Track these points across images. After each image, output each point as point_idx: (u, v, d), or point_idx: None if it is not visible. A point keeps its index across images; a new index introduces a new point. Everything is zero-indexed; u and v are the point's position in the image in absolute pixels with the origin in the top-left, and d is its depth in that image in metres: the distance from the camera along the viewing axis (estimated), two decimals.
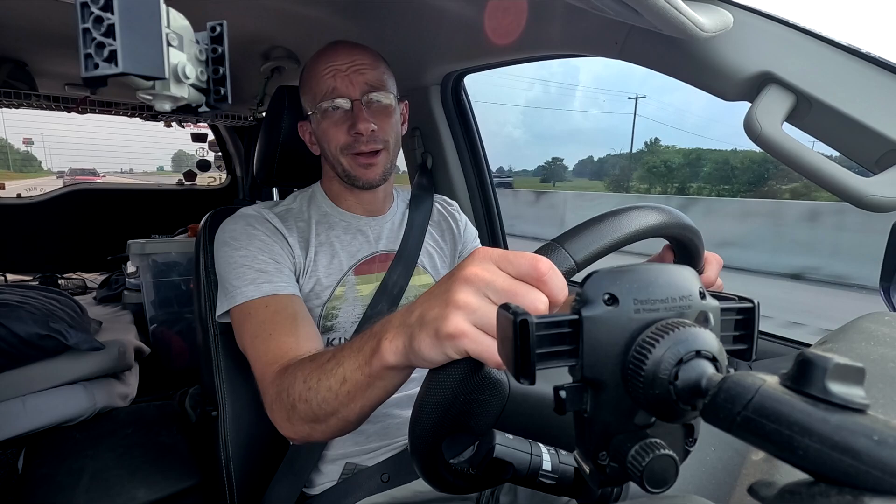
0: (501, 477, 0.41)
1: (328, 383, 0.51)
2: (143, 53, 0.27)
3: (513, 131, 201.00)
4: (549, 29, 0.87)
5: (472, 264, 0.37)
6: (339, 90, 0.80)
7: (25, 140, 61.64)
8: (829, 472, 0.18)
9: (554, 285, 0.35)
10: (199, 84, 0.33)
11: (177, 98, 0.31)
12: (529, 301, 0.34)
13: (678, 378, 0.26)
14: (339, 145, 0.82)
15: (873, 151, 0.56)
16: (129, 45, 0.26)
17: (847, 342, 0.43)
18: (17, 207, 2.53)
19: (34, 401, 1.26)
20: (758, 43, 0.60)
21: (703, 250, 0.51)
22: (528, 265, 0.35)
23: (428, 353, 0.38)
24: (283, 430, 0.60)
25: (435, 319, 0.37)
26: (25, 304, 1.32)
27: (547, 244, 0.39)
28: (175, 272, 1.91)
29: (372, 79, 0.81)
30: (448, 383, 0.38)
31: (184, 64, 0.30)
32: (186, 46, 0.32)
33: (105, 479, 1.14)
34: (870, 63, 0.56)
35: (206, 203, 2.43)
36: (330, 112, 0.81)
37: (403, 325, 0.42)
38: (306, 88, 0.85)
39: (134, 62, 0.27)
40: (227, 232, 0.79)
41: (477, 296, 0.36)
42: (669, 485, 0.28)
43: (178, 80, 0.30)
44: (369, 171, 0.83)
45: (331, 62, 0.81)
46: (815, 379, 0.19)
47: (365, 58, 0.82)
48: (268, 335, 0.68)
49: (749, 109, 0.59)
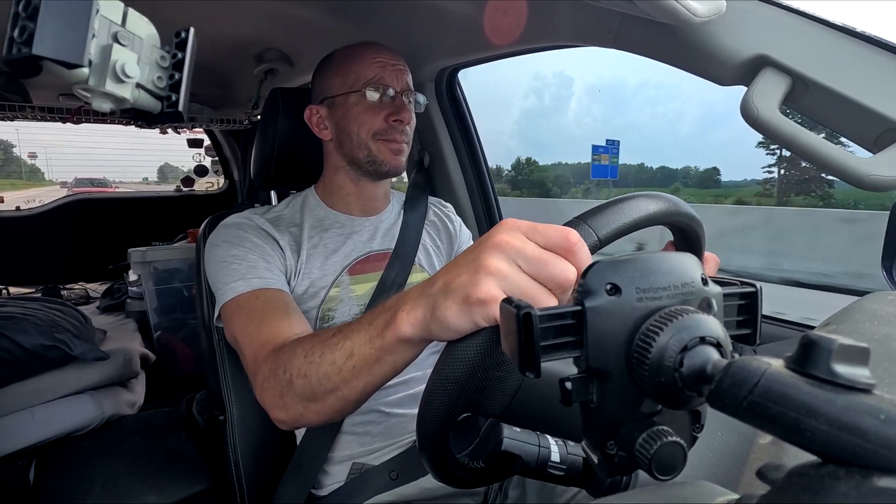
0: (510, 470, 0.41)
1: (332, 357, 0.49)
2: (62, 39, 0.26)
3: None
4: (542, 20, 0.86)
5: (501, 232, 0.37)
6: (385, 80, 0.83)
7: (30, 154, 67.81)
8: (837, 452, 0.18)
9: (583, 257, 0.35)
10: (156, 90, 0.32)
11: (116, 98, 0.30)
12: (559, 270, 0.34)
13: (683, 365, 0.26)
14: (372, 129, 0.83)
15: (871, 131, 0.56)
16: (47, 29, 0.26)
17: (851, 323, 0.43)
18: (16, 220, 2.53)
19: (42, 412, 1.27)
20: (752, 26, 0.59)
21: (705, 244, 0.52)
22: (560, 236, 0.35)
23: (454, 321, 0.37)
24: (274, 410, 0.56)
25: (464, 285, 0.36)
26: (30, 316, 1.32)
27: (572, 220, 0.40)
28: (177, 278, 1.92)
29: (409, 82, 0.87)
30: (468, 356, 0.37)
31: (123, 62, 0.29)
32: (145, 50, 0.31)
33: (116, 486, 1.15)
34: (865, 42, 0.56)
35: (205, 208, 2.42)
36: (373, 96, 0.83)
37: (423, 294, 0.41)
38: (339, 73, 0.85)
39: (50, 46, 0.26)
40: (217, 237, 0.79)
41: (507, 262, 0.35)
42: (678, 471, 0.28)
43: (116, 79, 0.29)
44: (397, 157, 0.86)
45: (378, 55, 0.85)
46: (819, 361, 0.19)
47: (405, 64, 0.88)
48: (259, 321, 0.67)
49: (745, 93, 0.59)
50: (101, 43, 0.29)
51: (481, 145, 1.36)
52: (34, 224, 2.54)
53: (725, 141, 76.20)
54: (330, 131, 0.88)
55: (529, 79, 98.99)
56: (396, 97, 0.84)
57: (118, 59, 0.29)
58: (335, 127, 0.87)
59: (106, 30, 0.29)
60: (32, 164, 69.38)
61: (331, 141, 0.88)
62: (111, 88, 0.30)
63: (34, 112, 1.70)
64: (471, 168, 1.34)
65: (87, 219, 2.64)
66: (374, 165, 0.85)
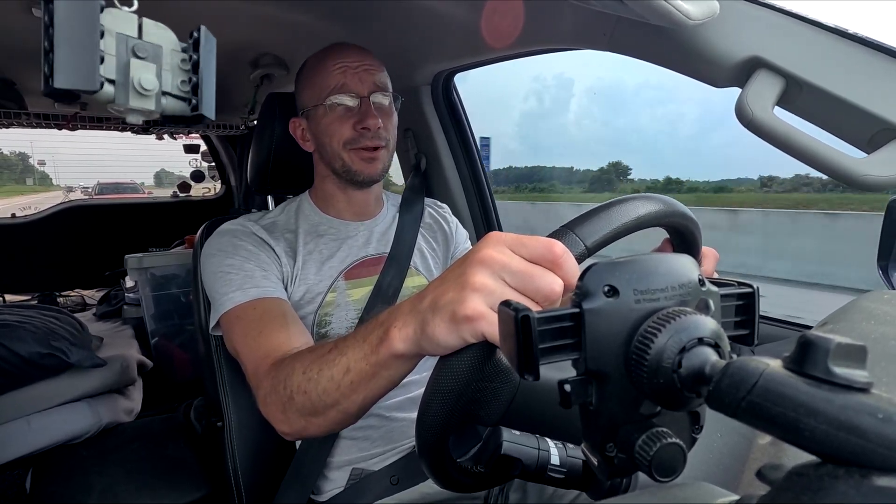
0: (510, 473, 0.41)
1: (330, 373, 0.50)
2: (76, 69, 0.28)
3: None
4: (537, 24, 0.87)
5: (486, 247, 0.37)
6: (349, 86, 0.81)
7: (39, 162, 73.26)
8: (836, 452, 0.18)
9: (569, 268, 0.35)
10: (182, 94, 0.32)
11: (142, 111, 0.31)
12: (546, 283, 0.34)
13: (682, 366, 0.26)
14: (342, 140, 0.82)
15: (865, 131, 0.56)
16: (62, 61, 0.27)
17: (848, 322, 0.43)
18: (11, 227, 2.52)
19: (39, 420, 1.26)
20: (745, 28, 0.60)
21: (701, 243, 0.52)
22: (544, 248, 0.35)
23: (443, 338, 0.37)
24: (278, 423, 0.58)
25: (451, 303, 0.36)
26: (25, 323, 1.32)
27: (558, 229, 0.39)
28: (174, 284, 1.91)
29: (378, 80, 0.84)
30: (460, 370, 0.37)
31: (140, 77, 0.30)
32: (166, 57, 0.31)
33: (114, 494, 1.14)
34: (858, 44, 0.56)
35: (202, 214, 2.42)
36: (337, 106, 0.81)
37: (414, 311, 0.41)
38: (308, 84, 0.85)
39: (67, 78, 0.27)
40: (212, 245, 0.79)
41: (493, 278, 0.36)
42: (678, 473, 0.28)
43: (137, 94, 0.30)
44: (371, 165, 0.84)
45: (341, 59, 0.82)
46: (817, 360, 0.19)
47: (373, 60, 0.84)
48: (258, 333, 0.68)
49: (740, 95, 0.59)
50: (122, 61, 0.30)
51: (478, 148, 1.37)
52: (30, 231, 2.53)
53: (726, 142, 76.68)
54: (312, 143, 0.88)
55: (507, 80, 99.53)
56: (363, 102, 0.82)
57: (135, 75, 0.30)
58: (314, 139, 0.87)
59: (124, 46, 0.30)
60: (42, 171, 74.76)
61: (315, 152, 0.89)
62: (135, 104, 0.30)
63: (30, 119, 1.70)
64: (467, 171, 1.35)
65: (84, 225, 2.63)
66: (349, 175, 0.84)
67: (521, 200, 17.39)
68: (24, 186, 60.08)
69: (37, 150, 68.78)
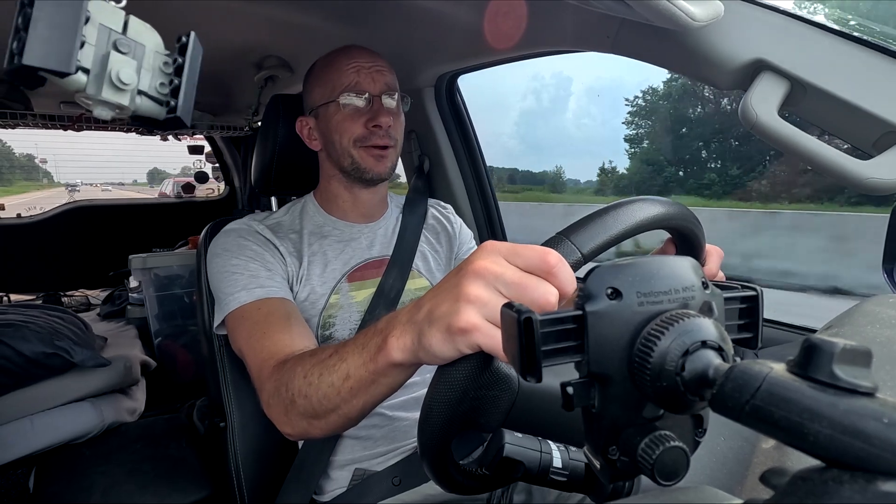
0: (512, 476, 0.41)
1: (330, 379, 0.50)
2: (51, 49, 0.27)
3: None
4: (541, 26, 0.87)
5: (481, 258, 0.37)
6: (361, 85, 0.82)
7: (41, 160, 74.43)
8: (841, 456, 0.18)
9: (563, 277, 0.35)
10: (159, 96, 0.32)
11: (114, 105, 0.30)
12: (540, 294, 0.34)
13: (685, 369, 0.26)
14: (353, 137, 0.83)
15: (870, 134, 0.56)
16: (37, 40, 0.26)
17: (852, 326, 0.43)
18: (17, 227, 2.53)
19: (42, 419, 1.26)
20: (749, 31, 0.60)
21: (705, 242, 0.51)
22: (538, 258, 0.35)
23: (439, 349, 0.37)
24: (281, 425, 0.59)
25: (446, 314, 0.37)
26: (30, 323, 1.32)
27: (553, 237, 0.39)
28: (177, 285, 1.92)
29: (390, 81, 0.85)
30: (458, 380, 0.37)
31: (119, 70, 0.30)
32: (148, 57, 0.31)
33: (116, 494, 1.14)
34: (862, 46, 0.56)
35: (206, 215, 2.42)
36: (349, 104, 0.82)
37: (411, 321, 0.42)
38: (319, 82, 0.85)
39: (39, 56, 0.26)
40: (218, 245, 0.79)
41: (487, 289, 0.36)
42: (681, 476, 0.28)
43: (114, 87, 0.30)
44: (380, 163, 0.85)
45: (354, 59, 0.83)
46: (822, 364, 0.19)
47: (384, 62, 0.86)
48: (262, 334, 0.69)
49: (744, 98, 0.59)
50: (101, 52, 0.29)
51: (481, 150, 1.37)
52: (34, 231, 2.55)
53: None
54: (319, 142, 0.88)
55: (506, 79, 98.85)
56: (374, 101, 0.83)
57: (114, 67, 0.29)
58: (322, 137, 0.87)
59: (105, 38, 0.29)
60: (45, 169, 77.42)
61: (321, 151, 0.89)
62: (108, 96, 0.30)
63: (35, 120, 1.71)
64: (471, 173, 1.35)
65: (88, 225, 2.65)
66: (358, 172, 0.85)
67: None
68: (38, 183, 62.07)
69: (40, 149, 71.26)
